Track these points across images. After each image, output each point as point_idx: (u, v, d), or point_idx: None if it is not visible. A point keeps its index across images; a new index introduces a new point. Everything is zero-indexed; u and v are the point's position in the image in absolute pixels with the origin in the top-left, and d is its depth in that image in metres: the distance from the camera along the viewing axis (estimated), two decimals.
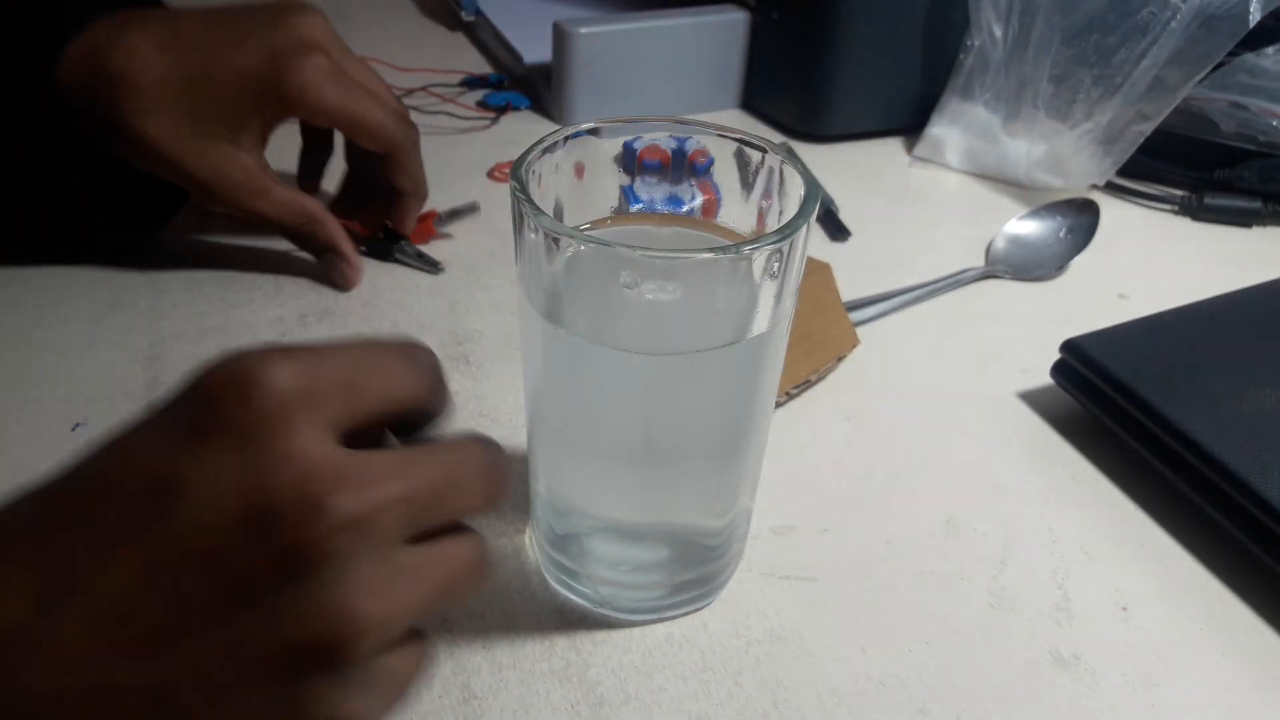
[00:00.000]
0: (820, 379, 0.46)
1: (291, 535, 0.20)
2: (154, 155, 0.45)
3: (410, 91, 0.71)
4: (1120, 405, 0.42)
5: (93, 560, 0.21)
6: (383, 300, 0.51)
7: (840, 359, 0.47)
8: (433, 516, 0.23)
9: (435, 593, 0.23)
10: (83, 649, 0.21)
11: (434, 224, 0.56)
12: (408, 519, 0.22)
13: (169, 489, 0.21)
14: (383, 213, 0.53)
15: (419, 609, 0.23)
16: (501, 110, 0.71)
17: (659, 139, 0.33)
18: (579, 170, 0.32)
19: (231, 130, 0.46)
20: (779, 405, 0.44)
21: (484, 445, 0.25)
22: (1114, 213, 0.62)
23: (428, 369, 0.25)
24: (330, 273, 0.51)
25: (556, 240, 0.27)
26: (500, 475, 0.25)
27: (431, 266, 0.53)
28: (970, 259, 0.57)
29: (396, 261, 0.54)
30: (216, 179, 0.46)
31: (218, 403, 0.21)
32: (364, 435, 0.23)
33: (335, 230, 0.51)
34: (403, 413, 0.24)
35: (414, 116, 0.52)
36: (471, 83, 0.74)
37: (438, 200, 0.56)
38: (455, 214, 0.57)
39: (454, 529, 0.24)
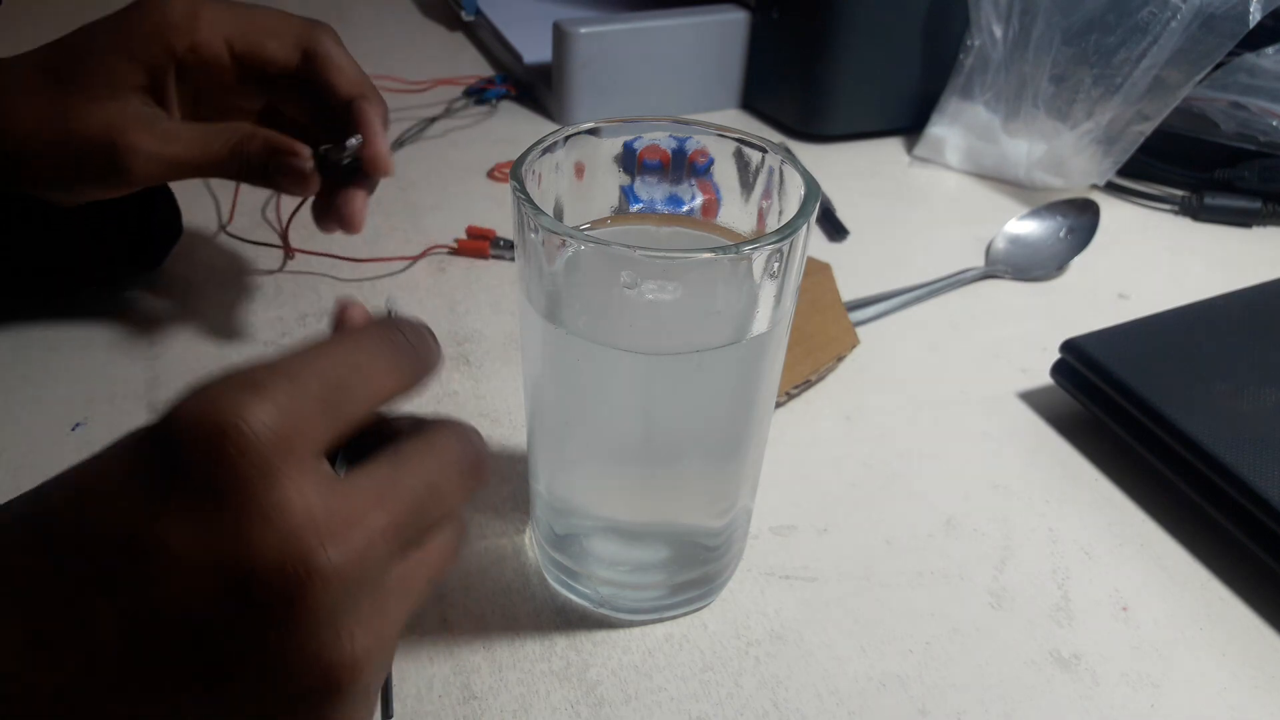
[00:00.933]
0: (820, 379, 0.47)
1: (280, 600, 0.19)
2: (35, 141, 0.39)
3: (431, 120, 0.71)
4: (1120, 405, 0.42)
5: (73, 613, 0.20)
6: (383, 300, 0.51)
7: (840, 359, 0.47)
8: (418, 532, 0.23)
9: (424, 595, 0.23)
10: (70, 699, 0.20)
11: (490, 246, 0.55)
12: (396, 546, 0.22)
13: (145, 552, 0.20)
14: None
15: (409, 616, 0.23)
16: (498, 99, 0.71)
17: (659, 139, 0.33)
18: (579, 170, 0.32)
19: (108, 84, 0.39)
20: (779, 405, 0.44)
21: (462, 438, 0.24)
22: (1114, 213, 0.62)
23: (410, 351, 0.24)
24: (285, 183, 0.41)
25: (557, 240, 0.27)
26: (481, 467, 0.24)
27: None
28: (970, 259, 0.57)
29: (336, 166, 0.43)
30: (109, 131, 0.39)
31: (193, 460, 0.19)
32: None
33: (267, 133, 0.41)
34: (392, 402, 0.24)
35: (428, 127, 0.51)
36: (475, 91, 0.73)
37: (448, 202, 0.56)
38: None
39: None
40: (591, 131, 0.32)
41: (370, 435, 0.24)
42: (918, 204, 0.64)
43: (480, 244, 0.55)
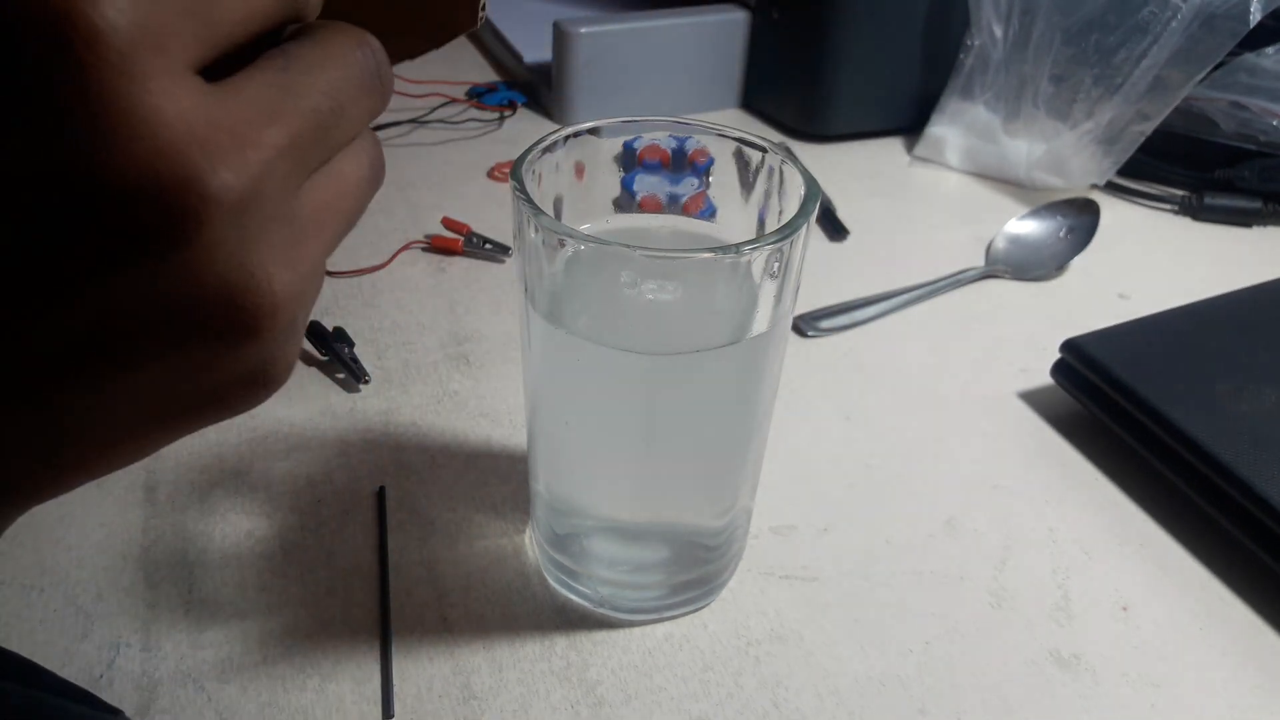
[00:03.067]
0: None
1: (165, 232, 0.16)
2: None
3: (424, 115, 0.71)
4: (1120, 405, 0.42)
5: None
6: (382, 300, 0.51)
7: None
8: (324, 150, 0.19)
9: (345, 224, 0.21)
10: None
11: (464, 244, 0.55)
12: (299, 165, 0.19)
13: None
14: None
15: (328, 251, 0.20)
16: (503, 108, 0.71)
17: (659, 139, 0.33)
18: (579, 170, 0.32)
19: None
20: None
21: (361, 43, 0.20)
22: (1114, 213, 0.62)
23: None
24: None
25: (556, 240, 0.27)
26: (384, 78, 0.21)
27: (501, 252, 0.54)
28: (970, 259, 0.57)
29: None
30: None
31: (29, 60, 0.15)
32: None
33: None
34: (272, 24, 0.19)
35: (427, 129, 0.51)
36: (479, 92, 0.73)
37: (448, 202, 0.56)
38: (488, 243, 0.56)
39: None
40: (592, 131, 0.32)
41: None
42: (918, 204, 0.64)
43: (454, 241, 0.55)
